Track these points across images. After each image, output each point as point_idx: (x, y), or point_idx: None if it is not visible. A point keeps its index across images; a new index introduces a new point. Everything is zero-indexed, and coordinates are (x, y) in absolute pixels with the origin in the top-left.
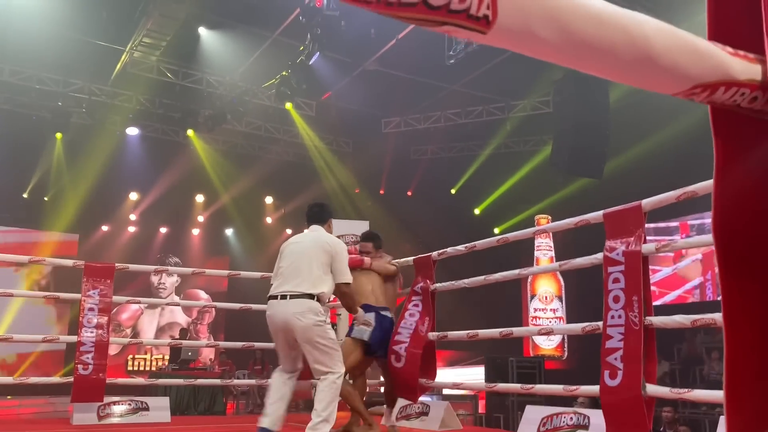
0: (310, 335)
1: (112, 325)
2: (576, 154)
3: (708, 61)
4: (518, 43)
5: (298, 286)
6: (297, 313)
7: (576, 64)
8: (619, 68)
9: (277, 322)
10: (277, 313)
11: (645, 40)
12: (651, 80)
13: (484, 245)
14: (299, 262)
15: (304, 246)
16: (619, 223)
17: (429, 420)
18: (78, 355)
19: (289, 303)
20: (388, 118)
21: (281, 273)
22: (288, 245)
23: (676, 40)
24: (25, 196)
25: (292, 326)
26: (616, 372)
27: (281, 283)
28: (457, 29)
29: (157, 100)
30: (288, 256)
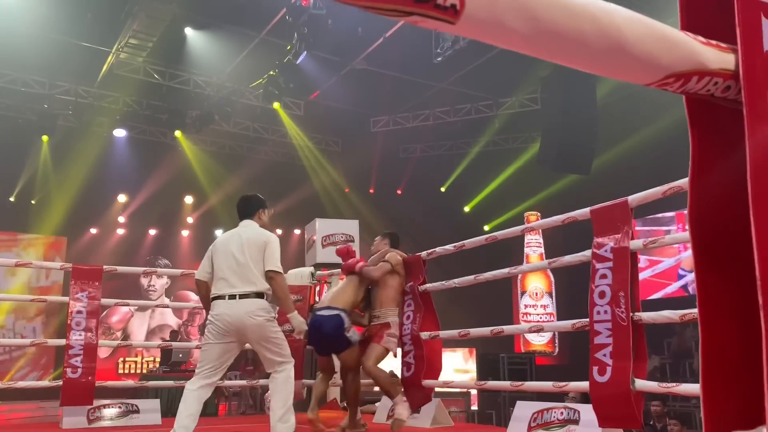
0: (264, 332)
1: (101, 328)
2: (564, 151)
3: (680, 51)
4: (487, 33)
5: (245, 286)
6: (249, 312)
7: (546, 55)
8: (591, 58)
9: (229, 322)
10: (226, 313)
11: (616, 30)
12: (623, 70)
13: (472, 244)
14: (239, 261)
15: (238, 244)
16: (607, 219)
17: (421, 417)
18: (67, 358)
19: (240, 303)
20: (376, 117)
21: (222, 273)
22: (221, 244)
23: (647, 30)
24: (12, 199)
25: (245, 325)
26: (605, 368)
27: (226, 284)
28: (424, 19)
29: (144, 101)
30: (225, 256)
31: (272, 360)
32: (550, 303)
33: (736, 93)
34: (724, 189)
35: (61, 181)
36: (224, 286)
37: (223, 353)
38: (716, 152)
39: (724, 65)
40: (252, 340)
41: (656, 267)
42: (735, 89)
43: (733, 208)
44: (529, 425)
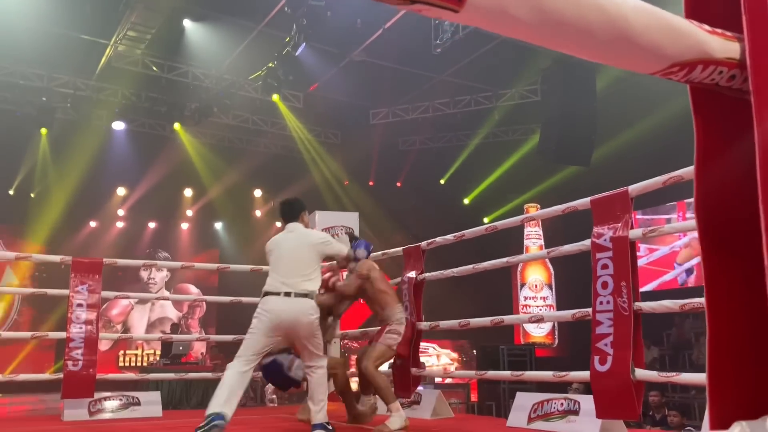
0: (313, 331)
1: (102, 321)
2: (564, 143)
3: (685, 40)
4: (492, 21)
5: (297, 285)
6: (302, 311)
7: (552, 44)
8: (597, 47)
9: (282, 318)
10: (281, 310)
11: (622, 19)
12: (628, 59)
13: (472, 234)
14: (293, 261)
15: (292, 245)
16: (607, 209)
17: (420, 409)
18: (67, 351)
19: (294, 301)
20: (376, 109)
21: (276, 270)
22: (276, 243)
23: (653, 19)
24: (11, 192)
25: (298, 323)
26: (605, 357)
27: (280, 281)
28: (428, 7)
29: (143, 93)
30: (279, 255)
31: (314, 356)
32: (550, 295)
33: (741, 82)
34: (729, 177)
35: (60, 174)
36: (278, 284)
37: (265, 345)
38: (721, 141)
39: (729, 54)
40: (301, 336)
41: (651, 255)
42: (740, 78)
43: (739, 196)
44: (529, 416)
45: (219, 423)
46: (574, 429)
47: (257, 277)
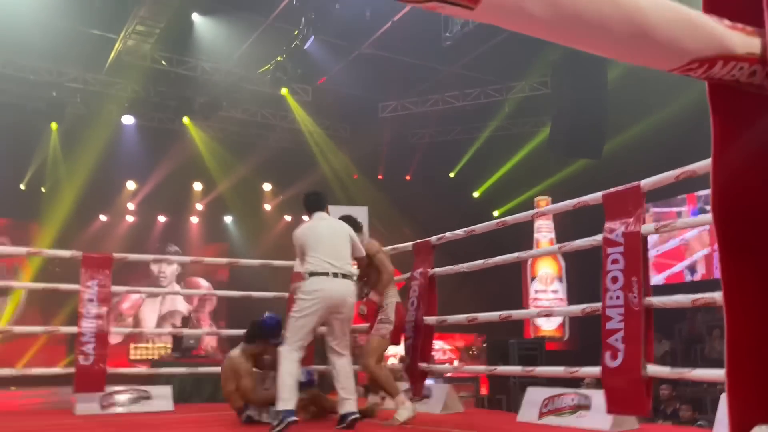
0: (352, 314)
1: (113, 314)
2: (574, 135)
3: (705, 35)
4: (508, 18)
5: (344, 267)
6: (350, 292)
7: (568, 41)
8: (613, 44)
9: (330, 296)
10: (331, 288)
11: (640, 14)
12: (646, 56)
13: (482, 229)
14: (336, 245)
15: (330, 231)
16: (618, 204)
17: (431, 403)
18: (78, 345)
19: (343, 282)
20: (385, 102)
21: (321, 253)
22: (311, 229)
23: (672, 14)
24: (23, 187)
25: (345, 304)
26: (616, 353)
27: (326, 262)
28: (443, 5)
29: (152, 88)
30: (318, 238)
31: (346, 339)
32: (560, 288)
33: (762, 78)
34: (748, 176)
35: (70, 168)
36: (326, 264)
37: (316, 325)
38: (739, 139)
39: (750, 49)
40: (344, 318)
41: (661, 247)
42: (762, 74)
43: (757, 194)
44: (540, 411)
45: (292, 420)
46: (585, 424)
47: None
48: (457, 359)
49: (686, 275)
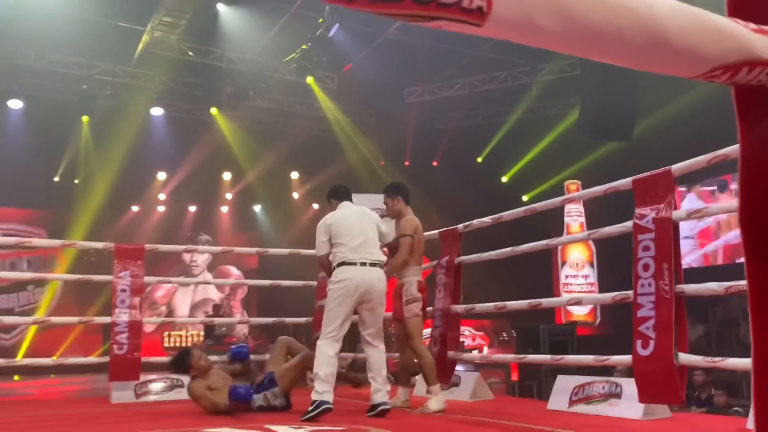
0: (382, 300)
1: (147, 302)
2: (604, 117)
3: (729, 41)
4: (518, 33)
5: (373, 254)
6: (380, 279)
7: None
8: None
9: (359, 283)
10: (360, 276)
11: (656, 23)
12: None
13: (510, 216)
14: (364, 233)
15: (357, 219)
16: (649, 189)
17: (460, 391)
18: (113, 335)
19: (371, 270)
20: (410, 88)
21: (350, 242)
22: (339, 219)
23: (691, 20)
24: (56, 179)
25: (375, 291)
26: (648, 341)
27: (357, 251)
28: (449, 23)
29: (180, 79)
30: (347, 228)
31: (379, 328)
32: (592, 273)
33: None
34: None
35: (102, 160)
36: (354, 254)
37: (349, 313)
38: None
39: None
40: (374, 304)
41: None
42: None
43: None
44: (570, 399)
45: (327, 407)
46: (616, 413)
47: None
48: (486, 345)
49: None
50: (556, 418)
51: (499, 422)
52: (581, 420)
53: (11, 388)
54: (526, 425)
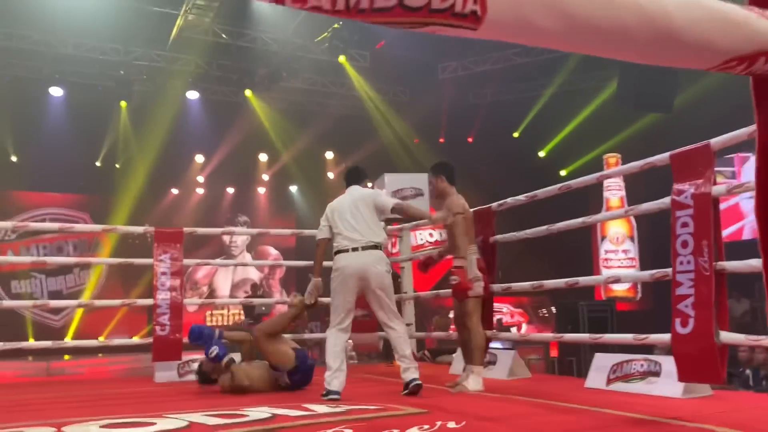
0: (383, 281)
1: (189, 283)
2: (644, 89)
3: (743, 31)
4: (516, 35)
5: (366, 237)
6: (371, 262)
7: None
8: (636, 48)
9: (353, 269)
10: (351, 264)
11: (664, 16)
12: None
13: (545, 194)
14: (357, 217)
15: (349, 204)
16: (687, 164)
17: (497, 369)
18: (155, 317)
19: (362, 254)
20: (444, 63)
21: (343, 230)
22: (338, 204)
23: (702, 12)
24: (98, 164)
25: (369, 273)
26: (687, 319)
27: (347, 238)
28: (443, 28)
29: (214, 62)
30: (340, 215)
31: (388, 309)
32: (632, 248)
33: None
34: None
35: (141, 144)
36: (346, 241)
37: (350, 302)
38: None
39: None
40: (373, 287)
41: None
42: None
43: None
44: (608, 377)
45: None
46: (655, 391)
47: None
48: (525, 321)
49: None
50: (594, 397)
51: (535, 401)
52: (619, 398)
53: (62, 367)
54: (562, 404)
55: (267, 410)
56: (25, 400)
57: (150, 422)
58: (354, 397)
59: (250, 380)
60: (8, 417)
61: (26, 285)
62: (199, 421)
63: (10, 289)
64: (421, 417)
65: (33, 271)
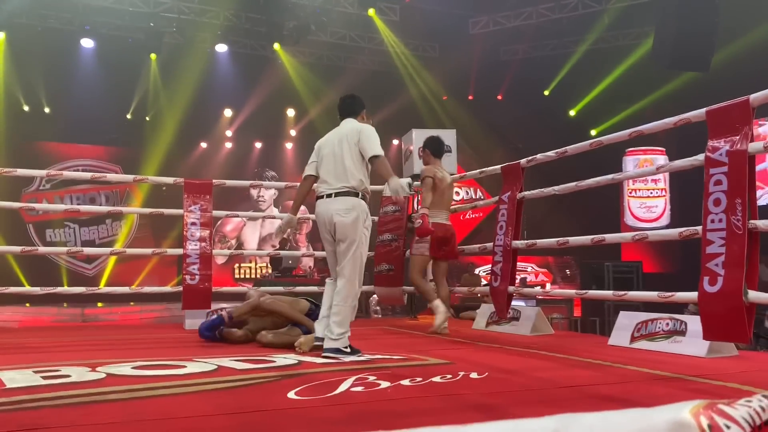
0: (345, 231)
1: (217, 236)
2: (680, 46)
3: None
4: None
5: (338, 182)
6: (336, 210)
7: None
8: None
9: (322, 221)
10: (321, 212)
11: None
12: None
13: (575, 150)
14: (334, 159)
15: (337, 141)
16: (724, 120)
17: (520, 325)
18: (185, 266)
19: (334, 200)
20: (475, 18)
21: (324, 172)
22: (323, 143)
23: None
24: (129, 117)
25: (333, 222)
26: (716, 278)
27: (324, 182)
28: None
29: (243, 14)
30: (326, 155)
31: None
32: (662, 177)
33: None
34: None
35: (170, 97)
36: (323, 186)
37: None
38: None
39: None
40: (338, 236)
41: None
42: None
43: None
44: (632, 335)
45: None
46: (679, 349)
47: None
48: (549, 282)
49: None
50: (616, 354)
51: (557, 356)
52: (641, 356)
53: (96, 314)
54: (584, 359)
55: (293, 357)
56: (62, 343)
57: (180, 365)
58: (378, 348)
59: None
60: (47, 357)
61: (60, 234)
62: (228, 365)
63: (45, 238)
64: (444, 367)
65: (67, 221)
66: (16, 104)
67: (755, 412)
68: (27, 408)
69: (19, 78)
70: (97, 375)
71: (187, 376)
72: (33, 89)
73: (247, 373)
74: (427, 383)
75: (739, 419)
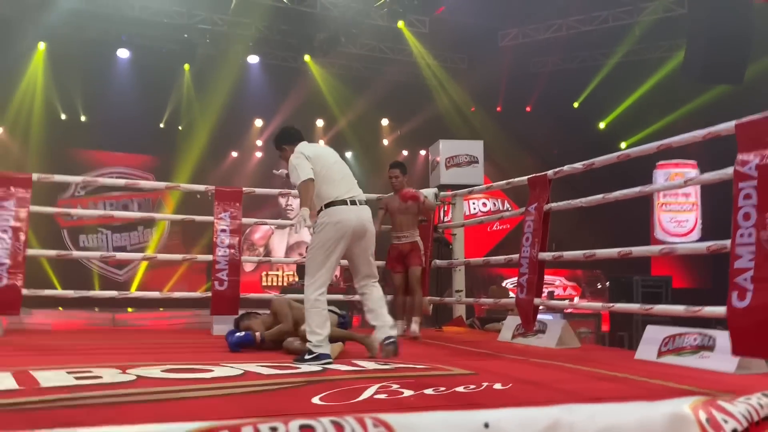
0: (374, 240)
1: (246, 244)
2: (713, 59)
3: None
4: None
5: (358, 191)
6: (369, 219)
7: None
8: None
9: (355, 226)
10: (353, 218)
11: None
12: None
13: (603, 162)
14: (344, 172)
15: (335, 157)
16: (754, 134)
17: (546, 337)
18: (214, 272)
19: (362, 209)
20: (505, 30)
21: (338, 179)
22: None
23: None
24: (162, 126)
25: (366, 231)
26: (745, 293)
27: (346, 189)
28: None
29: (275, 26)
30: (328, 165)
31: (373, 267)
32: (693, 191)
33: None
34: None
35: (203, 107)
36: (343, 191)
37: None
38: None
39: None
40: (368, 245)
41: None
42: None
43: None
44: (659, 350)
45: None
46: (707, 365)
47: None
48: (577, 295)
49: None
50: (642, 367)
51: (582, 368)
52: (668, 371)
53: (126, 318)
54: (609, 372)
55: (318, 364)
56: (93, 345)
57: (208, 369)
58: (402, 357)
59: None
60: (78, 359)
61: (93, 239)
62: (254, 370)
63: (79, 243)
64: (468, 377)
65: (100, 227)
66: (54, 112)
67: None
68: (61, 406)
69: (57, 87)
70: (127, 377)
71: (215, 379)
72: (70, 98)
73: (273, 378)
74: (450, 392)
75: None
